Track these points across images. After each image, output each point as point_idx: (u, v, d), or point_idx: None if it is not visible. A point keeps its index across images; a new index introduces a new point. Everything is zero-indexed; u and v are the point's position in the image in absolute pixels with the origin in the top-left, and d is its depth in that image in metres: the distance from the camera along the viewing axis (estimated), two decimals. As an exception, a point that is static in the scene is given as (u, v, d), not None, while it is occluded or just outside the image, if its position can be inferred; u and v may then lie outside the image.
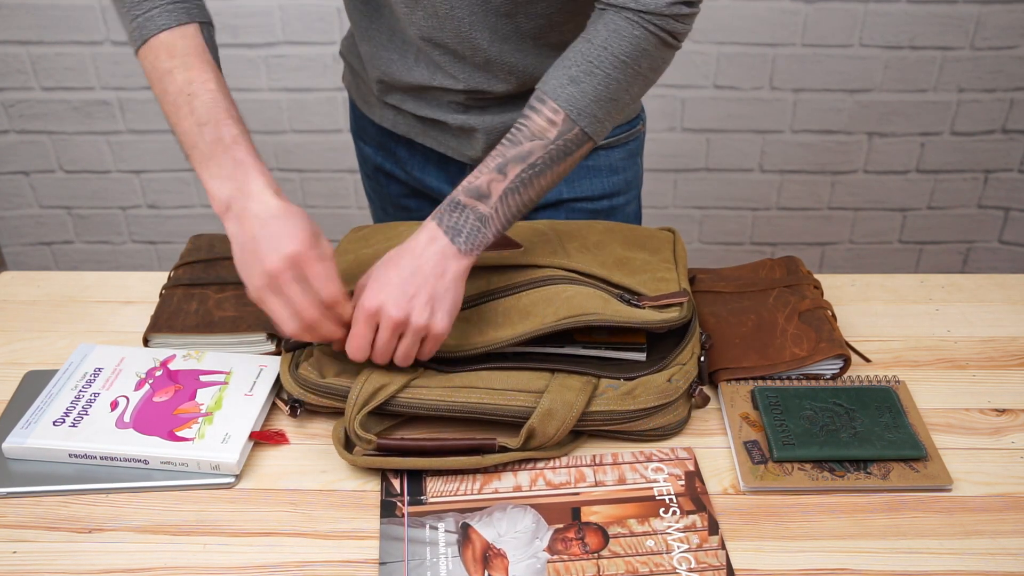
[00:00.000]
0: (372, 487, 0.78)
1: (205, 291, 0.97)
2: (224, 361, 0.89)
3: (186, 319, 0.93)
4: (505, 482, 0.77)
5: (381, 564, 0.70)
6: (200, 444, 0.79)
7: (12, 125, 2.03)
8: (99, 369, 0.88)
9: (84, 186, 2.12)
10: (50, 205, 2.15)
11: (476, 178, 0.79)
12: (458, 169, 1.06)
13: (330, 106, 2.01)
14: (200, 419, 0.82)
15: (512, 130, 0.80)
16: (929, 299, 1.03)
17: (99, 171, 2.10)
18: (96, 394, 0.85)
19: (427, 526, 0.73)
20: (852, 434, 0.80)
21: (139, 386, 0.86)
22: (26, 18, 1.89)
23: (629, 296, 0.85)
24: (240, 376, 0.87)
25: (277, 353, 0.92)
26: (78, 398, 0.84)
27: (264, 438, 0.82)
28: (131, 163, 2.09)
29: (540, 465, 0.79)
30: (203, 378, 0.87)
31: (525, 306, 0.84)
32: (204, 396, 0.85)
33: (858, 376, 0.89)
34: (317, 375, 0.82)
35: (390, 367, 0.81)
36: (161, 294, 0.98)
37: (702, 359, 0.85)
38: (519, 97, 0.97)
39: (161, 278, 1.06)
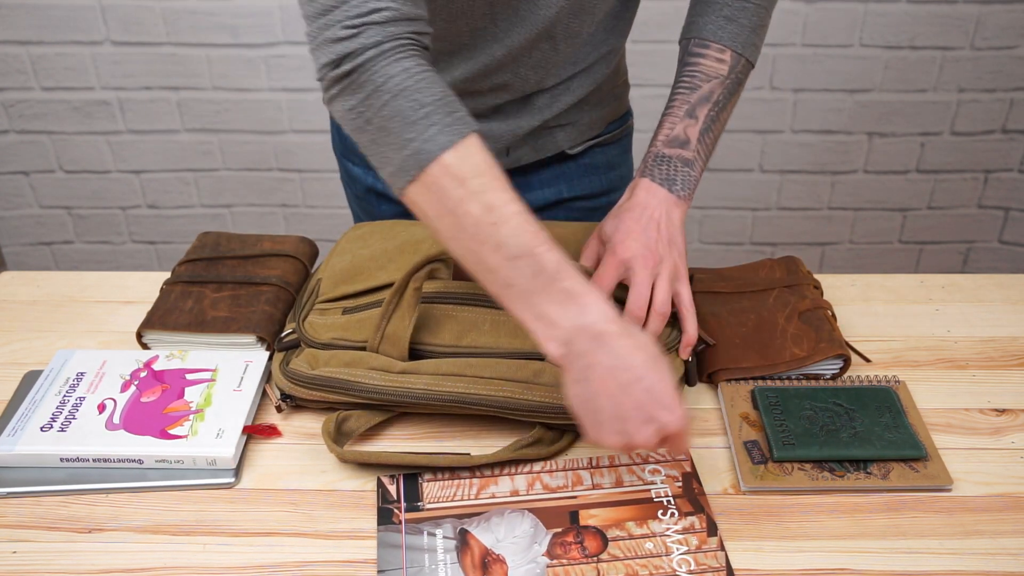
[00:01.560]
0: (372, 487, 0.78)
1: (203, 289, 0.97)
2: (209, 359, 0.89)
3: (179, 317, 0.93)
4: (502, 487, 0.77)
5: (380, 573, 0.70)
6: (194, 440, 0.80)
7: (12, 125, 2.03)
8: (81, 373, 0.87)
9: (84, 186, 2.12)
10: (50, 205, 2.15)
11: (672, 128, 0.86)
12: None
13: (330, 106, 2.00)
14: (191, 416, 0.82)
15: (683, 78, 0.87)
16: (929, 299, 1.03)
17: (99, 171, 2.10)
18: (81, 398, 0.84)
19: (425, 532, 0.73)
20: (852, 434, 0.80)
21: (125, 388, 0.86)
22: (26, 18, 1.89)
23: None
24: (226, 372, 0.88)
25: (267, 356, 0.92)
26: (63, 403, 0.84)
27: (257, 432, 0.83)
28: (131, 163, 2.08)
29: (537, 469, 0.79)
30: (189, 376, 0.87)
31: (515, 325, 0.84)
32: (193, 394, 0.85)
33: (858, 376, 0.89)
34: (307, 367, 0.82)
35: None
36: (162, 289, 0.98)
37: (688, 361, 0.86)
38: (525, 101, 0.97)
39: (161, 278, 1.06)
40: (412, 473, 0.78)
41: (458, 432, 0.84)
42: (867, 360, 0.93)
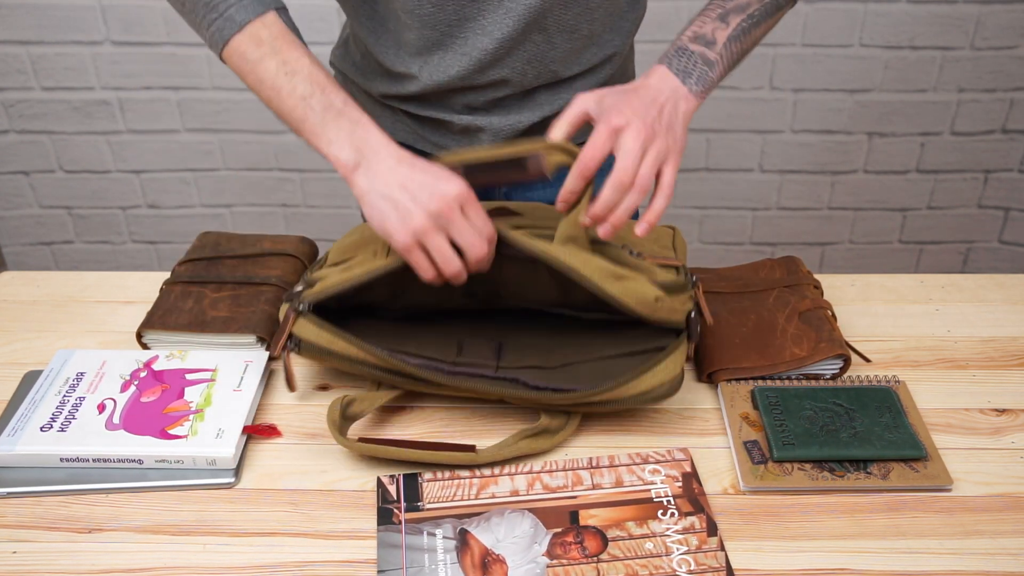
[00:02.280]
0: (372, 487, 0.78)
1: (202, 289, 0.97)
2: (208, 359, 0.89)
3: (179, 316, 0.93)
4: (502, 487, 0.77)
5: (380, 572, 0.70)
6: (194, 440, 0.79)
7: (12, 125, 2.03)
8: (81, 373, 0.87)
9: (84, 186, 2.12)
10: (50, 205, 2.15)
11: (701, 26, 0.85)
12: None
13: (330, 106, 2.00)
14: (191, 416, 0.82)
15: None
16: (929, 299, 1.03)
17: (99, 171, 2.10)
18: (81, 398, 0.84)
19: (425, 532, 0.73)
20: (852, 434, 0.80)
21: (125, 388, 0.86)
22: (26, 18, 1.89)
23: (631, 249, 0.86)
24: (226, 372, 0.88)
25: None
26: (63, 403, 0.84)
27: (257, 432, 0.83)
28: (131, 163, 2.08)
29: (537, 469, 0.79)
30: (189, 376, 0.87)
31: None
32: (192, 394, 0.85)
33: (858, 376, 0.89)
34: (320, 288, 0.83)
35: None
36: (161, 289, 0.98)
37: (692, 314, 0.83)
38: (526, 96, 0.97)
39: (161, 278, 1.06)
40: (412, 473, 0.78)
41: (461, 430, 0.84)
42: (867, 360, 0.93)
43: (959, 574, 0.70)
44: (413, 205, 0.77)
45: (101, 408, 0.83)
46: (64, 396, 0.84)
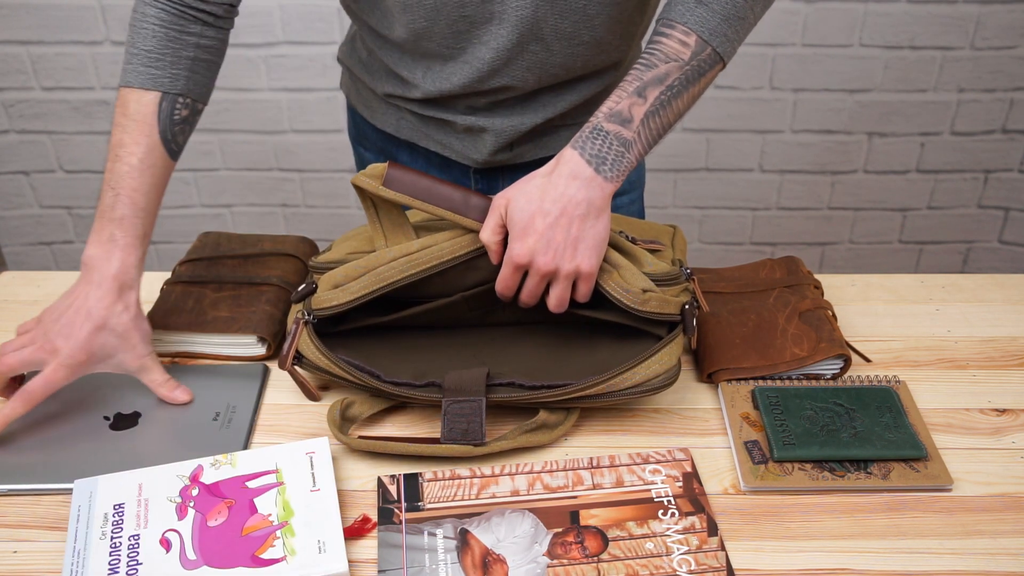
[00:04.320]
0: (372, 487, 0.78)
1: (203, 290, 0.97)
2: (264, 459, 0.77)
3: (180, 317, 0.93)
4: (503, 487, 0.77)
5: (380, 572, 0.70)
6: (296, 562, 0.68)
7: (12, 125, 2.03)
8: (120, 505, 0.73)
9: (84, 186, 2.12)
10: (50, 205, 2.15)
11: (616, 103, 0.80)
12: (460, 173, 1.06)
13: (330, 106, 2.01)
14: (278, 532, 0.70)
15: (643, 56, 0.81)
16: (929, 299, 1.03)
17: (99, 171, 2.10)
18: (135, 536, 0.70)
19: (425, 532, 0.73)
20: (852, 434, 0.80)
21: (182, 513, 0.72)
22: (26, 18, 1.89)
23: (627, 235, 0.86)
24: (292, 471, 0.76)
25: (268, 356, 0.92)
26: (116, 547, 0.69)
27: (359, 532, 0.73)
28: (131, 163, 2.08)
29: (537, 469, 0.79)
30: (251, 484, 0.75)
31: None
32: (266, 505, 0.73)
33: (858, 376, 0.89)
34: (330, 289, 0.83)
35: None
36: (162, 289, 0.98)
37: (687, 306, 0.82)
38: (529, 97, 0.97)
39: (161, 278, 1.06)
40: (413, 473, 0.78)
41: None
42: (867, 360, 0.93)
43: (959, 574, 0.70)
44: (57, 334, 0.81)
45: (166, 544, 0.69)
46: (113, 538, 0.70)
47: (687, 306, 0.82)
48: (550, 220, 0.77)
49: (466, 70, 0.92)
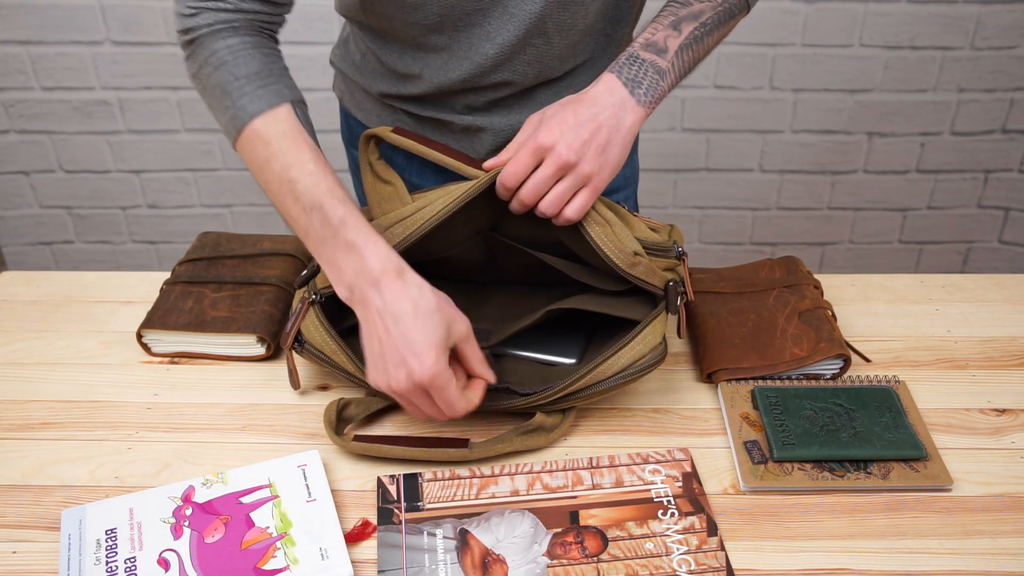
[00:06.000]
0: (372, 487, 0.78)
1: (203, 289, 0.97)
2: (256, 475, 0.77)
3: (179, 317, 0.93)
4: (502, 487, 0.77)
5: (380, 572, 0.70)
6: (299, 570, 0.68)
7: (12, 125, 2.03)
8: (112, 530, 0.72)
9: (84, 186, 2.12)
10: (50, 205, 2.15)
11: (652, 35, 0.83)
12: (456, 174, 1.06)
13: (330, 106, 2.01)
14: (279, 543, 0.71)
15: None
16: (929, 299, 1.03)
17: (99, 171, 2.10)
18: (131, 559, 0.69)
19: (425, 532, 0.73)
20: (852, 434, 0.80)
21: (177, 533, 0.72)
22: (26, 18, 1.89)
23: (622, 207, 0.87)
24: (286, 484, 0.76)
25: (268, 356, 0.92)
26: (112, 570, 0.69)
27: (360, 538, 0.74)
28: (131, 163, 2.09)
29: (537, 469, 0.79)
30: (245, 500, 0.74)
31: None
32: (263, 518, 0.72)
33: (858, 376, 0.89)
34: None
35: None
36: (162, 289, 0.98)
37: (670, 283, 0.83)
38: (526, 95, 0.97)
39: (161, 278, 1.06)
40: (412, 473, 0.78)
41: (460, 430, 0.84)
42: (867, 360, 0.93)
43: (959, 574, 0.70)
44: (382, 369, 0.73)
45: (164, 564, 0.69)
46: (108, 563, 0.69)
47: (671, 283, 0.83)
48: (583, 119, 0.78)
49: (467, 65, 0.92)
